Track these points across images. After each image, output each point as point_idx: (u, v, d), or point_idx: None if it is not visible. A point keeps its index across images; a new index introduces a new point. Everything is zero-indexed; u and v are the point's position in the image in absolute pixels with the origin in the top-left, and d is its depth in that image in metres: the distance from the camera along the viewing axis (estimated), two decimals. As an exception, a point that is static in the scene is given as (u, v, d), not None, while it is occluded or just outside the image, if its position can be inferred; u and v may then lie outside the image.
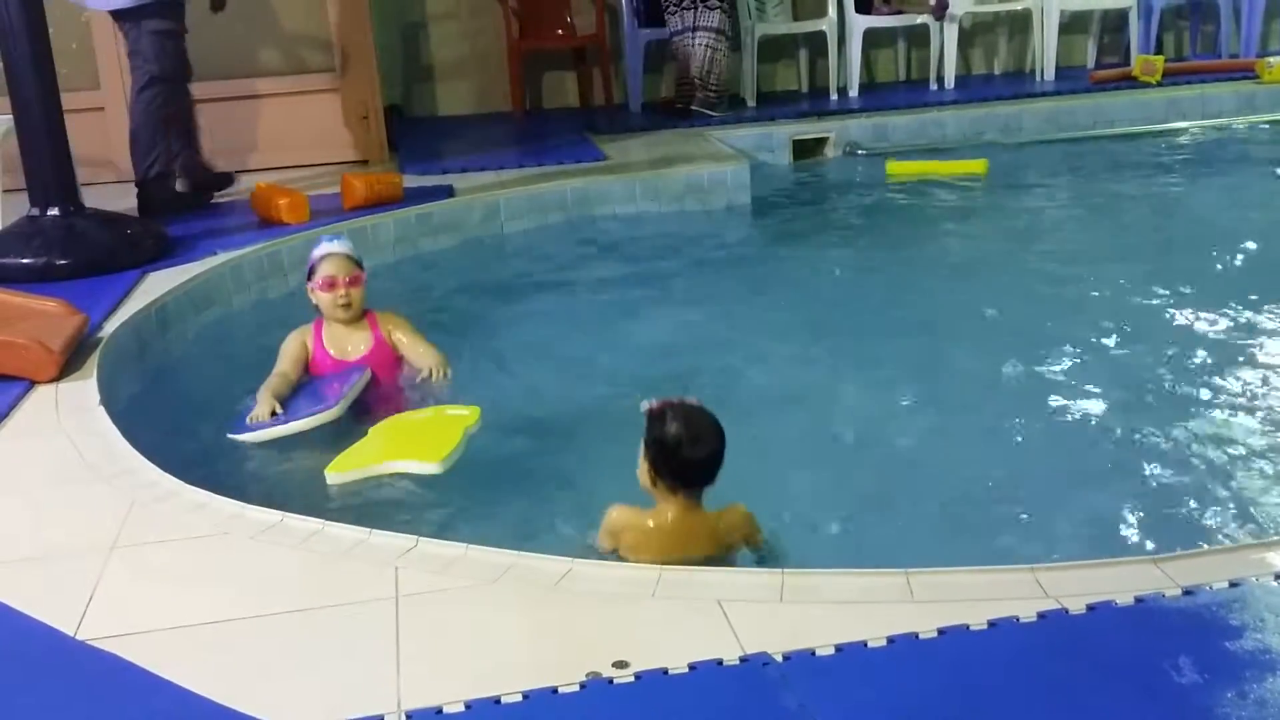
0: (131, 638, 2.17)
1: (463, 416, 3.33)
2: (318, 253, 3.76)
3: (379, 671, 2.03)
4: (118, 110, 6.21)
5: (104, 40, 6.15)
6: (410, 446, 3.18)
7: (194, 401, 3.73)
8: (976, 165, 6.35)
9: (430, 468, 3.06)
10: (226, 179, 5.81)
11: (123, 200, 5.60)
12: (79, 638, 2.19)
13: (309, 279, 3.74)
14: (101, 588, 2.37)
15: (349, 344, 3.71)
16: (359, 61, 6.37)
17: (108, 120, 6.23)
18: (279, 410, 3.43)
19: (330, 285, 3.67)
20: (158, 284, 4.34)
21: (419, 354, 3.72)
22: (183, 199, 5.59)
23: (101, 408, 3.29)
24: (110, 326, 3.91)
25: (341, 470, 3.09)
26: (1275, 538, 2.54)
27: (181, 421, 3.57)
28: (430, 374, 3.67)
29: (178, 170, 5.59)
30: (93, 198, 4.93)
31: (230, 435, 3.40)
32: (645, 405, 2.54)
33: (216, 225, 5.23)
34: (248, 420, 3.40)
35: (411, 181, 5.70)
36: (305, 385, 3.64)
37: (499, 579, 2.31)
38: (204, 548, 2.53)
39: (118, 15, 5.39)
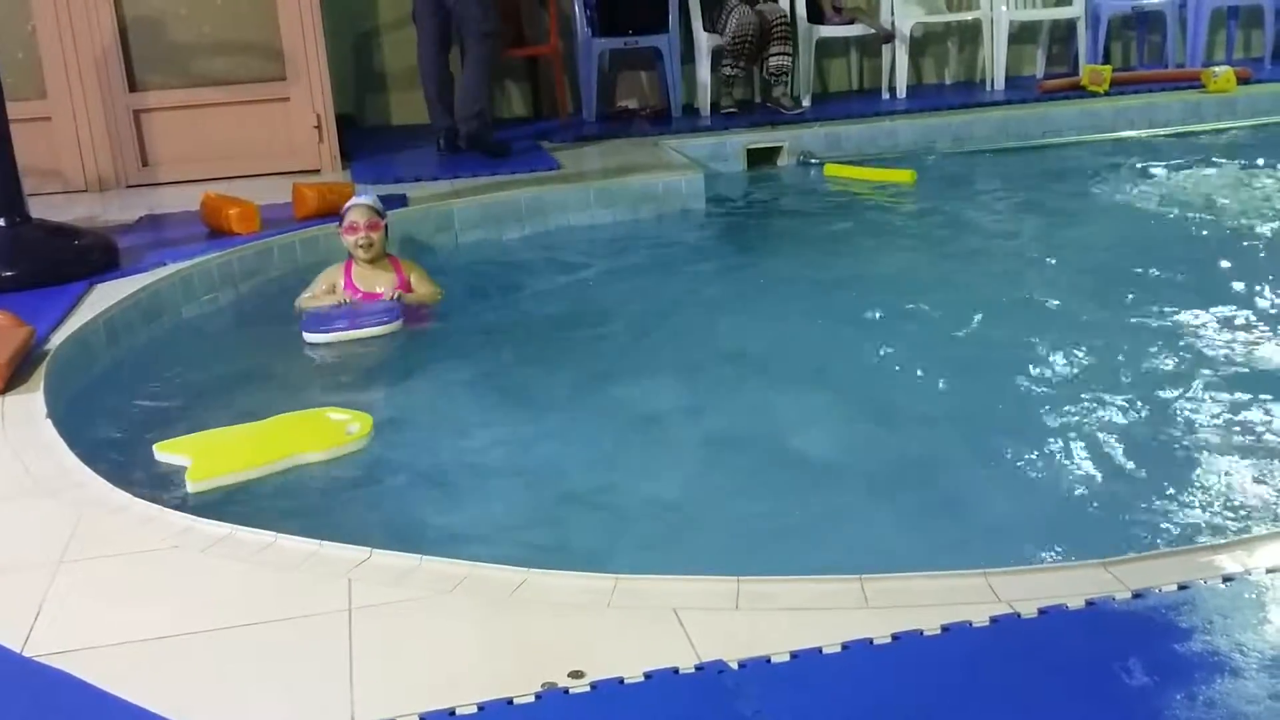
0: (80, 653, 2.14)
1: (341, 422, 3.38)
2: (347, 205, 4.58)
3: (332, 685, 2.01)
4: (64, 120, 6.15)
5: (51, 50, 6.08)
6: (222, 452, 3.24)
7: (143, 414, 3.69)
8: (905, 175, 6.41)
9: (188, 483, 3.11)
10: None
11: (70, 211, 5.54)
12: (26, 654, 2.16)
13: (339, 225, 4.55)
14: (49, 603, 2.33)
15: (377, 283, 4.49)
16: (311, 70, 6.33)
17: (54, 130, 6.15)
18: (345, 301, 4.39)
19: (353, 229, 4.47)
20: (105, 295, 4.29)
21: (420, 289, 4.54)
22: (499, 144, 6.52)
23: (48, 420, 3.25)
24: (57, 339, 3.85)
25: (166, 450, 3.28)
26: (1223, 540, 2.57)
27: (130, 434, 3.53)
28: (393, 294, 4.46)
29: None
30: (39, 208, 4.87)
31: (306, 335, 4.16)
32: None
33: (165, 236, 5.18)
34: (315, 315, 4.29)
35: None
36: (349, 306, 4.40)
37: (454, 590, 2.30)
38: (153, 562, 2.50)
39: None
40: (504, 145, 6.56)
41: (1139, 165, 6.76)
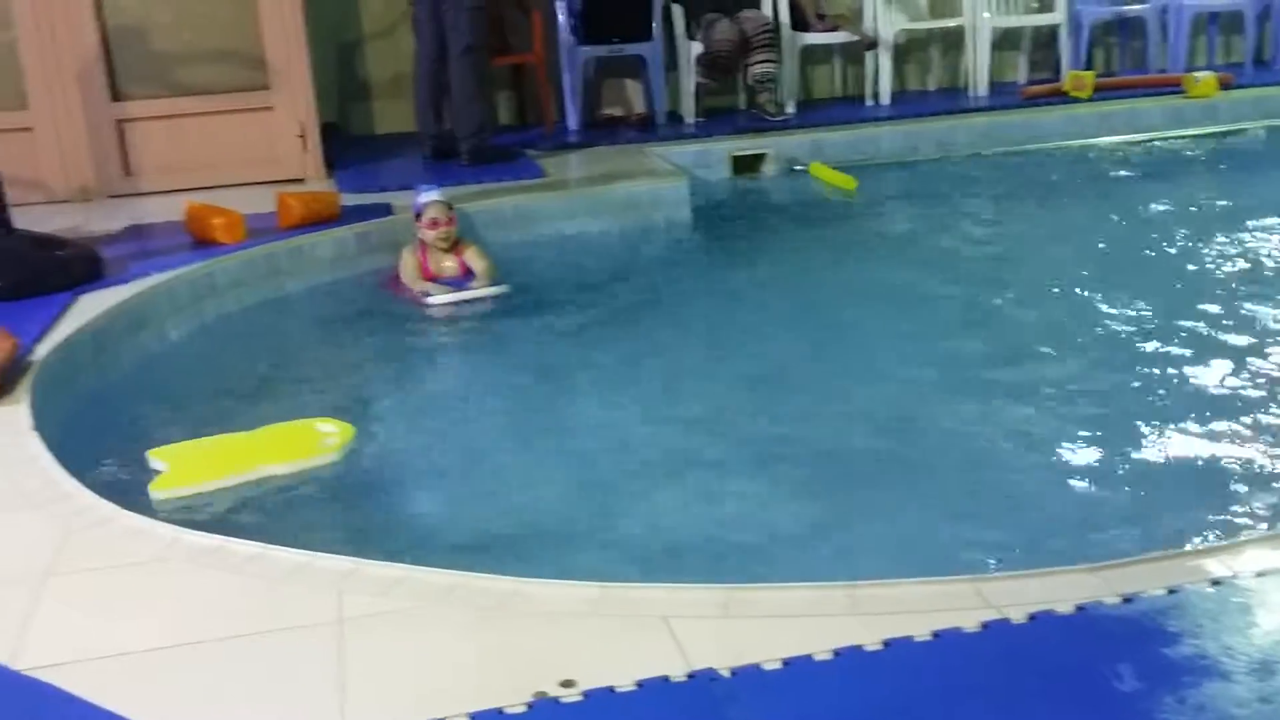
0: (70, 666, 2.13)
1: (323, 434, 3.38)
2: (422, 199, 5.03)
3: (323, 696, 2.01)
4: (46, 130, 6.12)
5: (32, 60, 6.06)
6: (195, 462, 3.25)
7: (129, 425, 3.67)
8: (847, 181, 6.43)
9: (151, 492, 3.12)
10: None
11: (53, 222, 5.51)
12: (15, 667, 2.15)
13: (417, 219, 5.00)
14: (38, 616, 2.33)
15: (444, 263, 5.00)
16: (294, 79, 6.31)
17: (36, 140, 6.12)
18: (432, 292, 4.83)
19: (434, 224, 4.94)
20: (90, 306, 4.27)
21: (478, 266, 5.00)
22: (502, 150, 6.62)
23: (35, 433, 3.23)
24: (42, 350, 3.83)
25: (157, 457, 3.31)
26: (1211, 544, 2.58)
27: (117, 445, 3.51)
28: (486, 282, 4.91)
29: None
30: (22, 219, 4.85)
31: (429, 300, 4.75)
32: None
33: (150, 246, 5.16)
34: (432, 294, 4.80)
35: (349, 200, 5.66)
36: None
37: (444, 600, 2.30)
38: (142, 573, 2.49)
39: None
40: (506, 150, 6.68)
41: (1122, 170, 6.79)
